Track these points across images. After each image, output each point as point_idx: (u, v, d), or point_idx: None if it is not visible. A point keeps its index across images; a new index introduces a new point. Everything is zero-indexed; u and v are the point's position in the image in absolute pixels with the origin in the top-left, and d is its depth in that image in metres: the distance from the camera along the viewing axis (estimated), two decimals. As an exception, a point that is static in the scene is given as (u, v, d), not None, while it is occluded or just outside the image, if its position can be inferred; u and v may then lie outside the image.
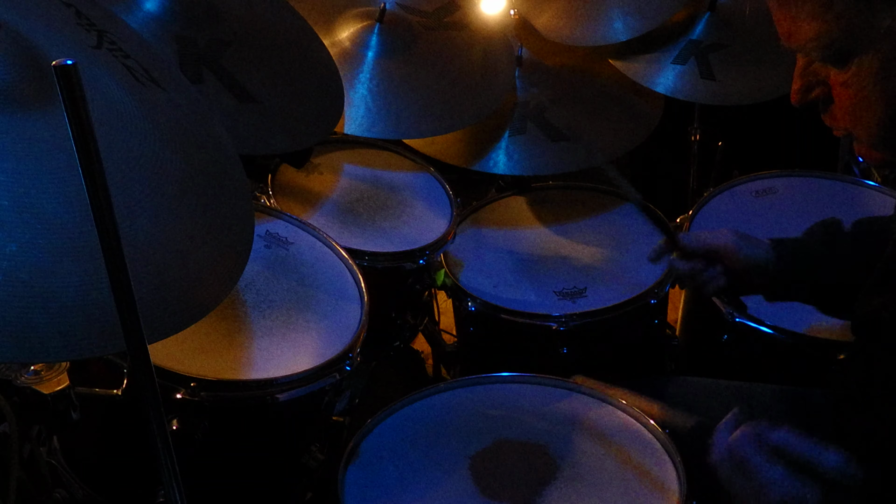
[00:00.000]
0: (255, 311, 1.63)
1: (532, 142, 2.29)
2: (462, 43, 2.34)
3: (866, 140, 1.22)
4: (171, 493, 1.03)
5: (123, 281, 0.90)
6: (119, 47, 1.31)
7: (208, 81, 1.78)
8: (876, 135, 1.19)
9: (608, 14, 2.38)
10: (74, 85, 0.81)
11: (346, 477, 1.50)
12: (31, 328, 0.97)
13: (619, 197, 2.37)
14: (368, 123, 2.11)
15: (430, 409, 1.65)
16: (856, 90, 1.16)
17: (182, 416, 1.44)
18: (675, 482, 1.47)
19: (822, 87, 1.22)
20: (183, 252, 1.15)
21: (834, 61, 1.16)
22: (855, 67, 1.14)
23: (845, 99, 1.18)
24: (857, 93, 1.16)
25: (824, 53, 1.16)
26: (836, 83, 1.18)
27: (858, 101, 1.17)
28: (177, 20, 1.81)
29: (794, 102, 1.25)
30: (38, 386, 1.30)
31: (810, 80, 1.22)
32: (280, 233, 1.82)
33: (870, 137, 1.20)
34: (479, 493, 1.47)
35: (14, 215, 1.00)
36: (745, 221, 2.18)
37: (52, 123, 1.06)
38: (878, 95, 1.14)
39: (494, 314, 2.04)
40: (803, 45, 1.17)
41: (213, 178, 1.29)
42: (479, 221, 2.33)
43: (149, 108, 1.23)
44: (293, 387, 1.52)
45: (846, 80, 1.16)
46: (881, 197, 2.24)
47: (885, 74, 1.12)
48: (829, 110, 1.23)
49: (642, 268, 2.12)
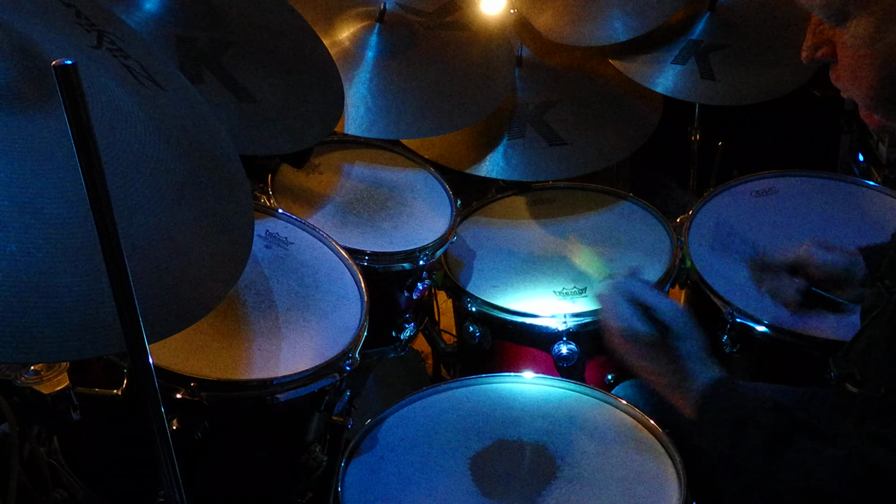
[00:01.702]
0: (255, 311, 1.63)
1: (530, 146, 2.29)
2: (462, 43, 2.34)
3: (863, 102, 1.27)
4: (171, 493, 1.03)
5: (123, 281, 0.90)
6: (119, 47, 1.31)
7: (208, 81, 1.78)
8: (871, 95, 1.24)
9: (608, 14, 2.38)
10: (74, 85, 0.81)
11: (346, 477, 1.50)
12: (31, 328, 0.97)
13: (618, 197, 2.38)
14: (368, 123, 2.11)
15: (430, 409, 1.65)
16: (853, 50, 1.22)
17: (182, 416, 1.44)
18: (675, 482, 1.47)
19: (829, 46, 1.26)
20: (183, 252, 1.15)
21: (834, 20, 1.22)
22: (853, 27, 1.20)
23: (846, 59, 1.24)
24: (854, 52, 1.22)
25: (826, 12, 1.22)
26: (839, 42, 1.24)
27: (856, 62, 1.23)
28: (177, 20, 1.81)
29: (803, 59, 1.30)
30: (38, 386, 1.30)
31: (818, 38, 1.27)
32: (280, 233, 1.81)
33: (866, 99, 1.26)
34: (479, 493, 1.47)
35: (14, 215, 1.00)
36: (745, 221, 2.18)
37: (52, 123, 1.06)
38: (872, 57, 1.20)
39: (494, 314, 2.04)
40: (810, 3, 1.23)
41: (213, 178, 1.29)
42: (479, 221, 2.33)
43: (149, 108, 1.23)
44: (293, 387, 1.52)
45: (845, 40, 1.22)
46: (881, 197, 2.23)
47: (879, 36, 1.18)
48: (834, 69, 1.28)
49: (642, 268, 2.12)
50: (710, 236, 2.10)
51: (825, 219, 2.17)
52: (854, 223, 2.15)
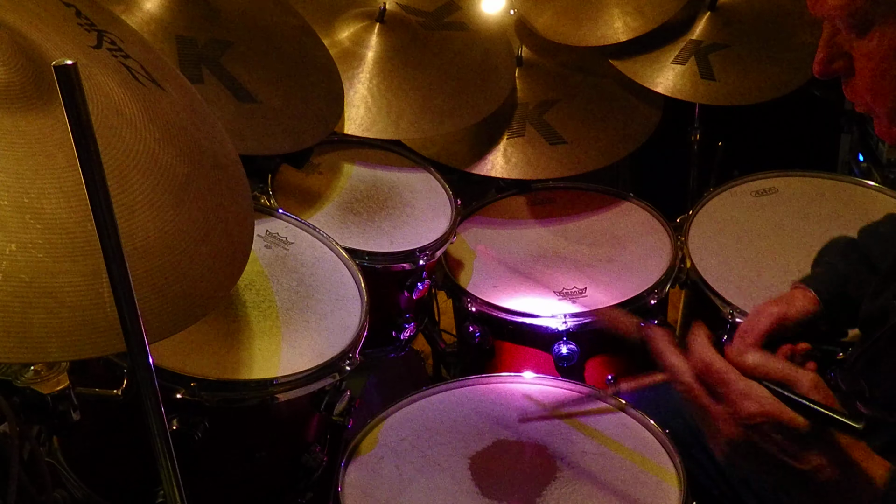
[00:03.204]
0: (255, 311, 1.63)
1: (531, 145, 2.29)
2: (462, 43, 2.34)
3: (885, 115, 1.21)
4: (170, 493, 1.03)
5: (123, 281, 0.90)
6: (119, 47, 1.31)
7: (208, 81, 1.78)
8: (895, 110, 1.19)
9: (608, 14, 2.38)
10: (74, 85, 0.81)
11: (346, 477, 1.50)
12: (31, 328, 0.97)
13: (618, 197, 2.38)
14: (368, 123, 2.11)
15: (430, 409, 1.65)
16: (876, 62, 1.16)
17: (182, 416, 1.44)
18: (675, 482, 1.47)
19: (845, 59, 1.21)
20: (183, 252, 1.15)
21: (857, 30, 1.16)
22: (877, 38, 1.14)
23: (866, 71, 1.18)
24: (878, 64, 1.16)
25: (848, 21, 1.16)
26: (859, 55, 1.18)
27: (879, 74, 1.17)
28: (177, 20, 1.81)
29: (817, 73, 1.24)
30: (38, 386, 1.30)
31: (833, 51, 1.22)
32: (280, 233, 1.81)
33: (889, 112, 1.20)
34: (479, 493, 1.46)
35: (14, 215, 1.00)
36: (745, 221, 2.18)
37: (52, 123, 1.06)
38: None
39: (494, 314, 2.04)
40: (828, 12, 1.18)
41: (213, 178, 1.29)
42: (479, 221, 2.33)
43: (149, 108, 1.23)
44: (293, 387, 1.52)
45: (868, 52, 1.16)
46: (881, 197, 2.23)
47: None
48: (849, 84, 1.23)
49: (642, 268, 2.12)
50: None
51: (825, 219, 2.17)
52: (854, 223, 2.14)
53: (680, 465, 1.48)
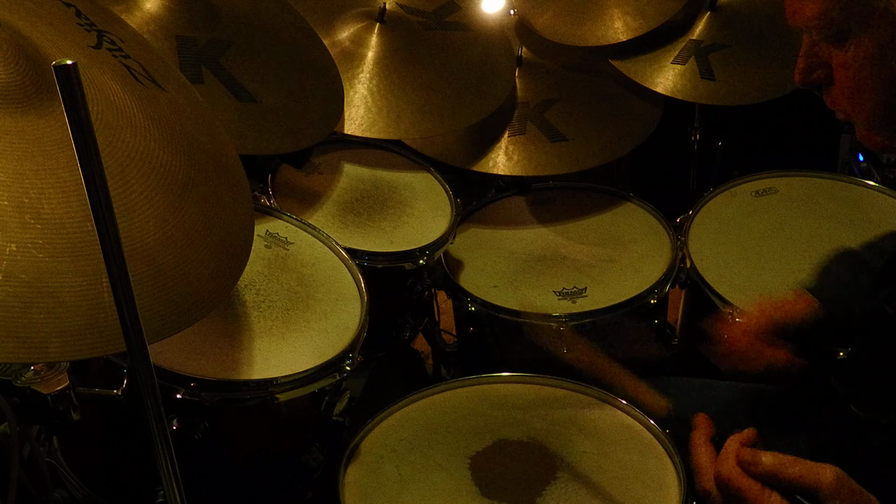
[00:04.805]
0: (255, 311, 1.63)
1: (532, 143, 2.29)
2: (462, 43, 2.34)
3: (864, 123, 1.23)
4: (171, 493, 1.03)
5: (123, 281, 0.90)
6: (119, 47, 1.31)
7: (208, 81, 1.78)
8: (873, 117, 1.21)
9: (608, 14, 2.38)
10: (74, 85, 0.81)
11: (345, 477, 1.50)
12: (31, 328, 0.97)
13: (618, 197, 2.38)
14: (368, 123, 2.11)
15: (430, 409, 1.65)
16: (854, 71, 1.18)
17: (182, 416, 1.44)
18: (675, 482, 1.47)
19: (824, 69, 1.23)
20: (183, 252, 1.15)
21: (833, 41, 1.18)
22: (853, 48, 1.16)
23: (845, 81, 1.20)
24: (855, 74, 1.18)
25: (824, 32, 1.18)
26: (837, 65, 1.20)
27: (856, 83, 1.18)
28: (177, 20, 1.81)
29: (797, 82, 1.26)
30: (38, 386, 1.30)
31: (813, 61, 1.24)
32: (280, 233, 1.82)
33: (867, 120, 1.22)
34: (479, 493, 1.46)
35: (14, 215, 1.00)
36: (745, 221, 2.18)
37: (52, 123, 1.06)
38: (875, 78, 1.16)
39: (494, 314, 2.04)
40: (805, 23, 1.19)
41: (213, 178, 1.29)
42: (479, 221, 2.33)
43: (149, 108, 1.23)
44: (293, 387, 1.52)
45: (845, 62, 1.18)
46: (881, 197, 2.23)
47: (882, 56, 1.14)
48: (829, 92, 1.25)
49: (642, 268, 2.12)
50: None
51: (825, 219, 2.17)
52: (854, 223, 2.15)
53: (680, 465, 1.48)
